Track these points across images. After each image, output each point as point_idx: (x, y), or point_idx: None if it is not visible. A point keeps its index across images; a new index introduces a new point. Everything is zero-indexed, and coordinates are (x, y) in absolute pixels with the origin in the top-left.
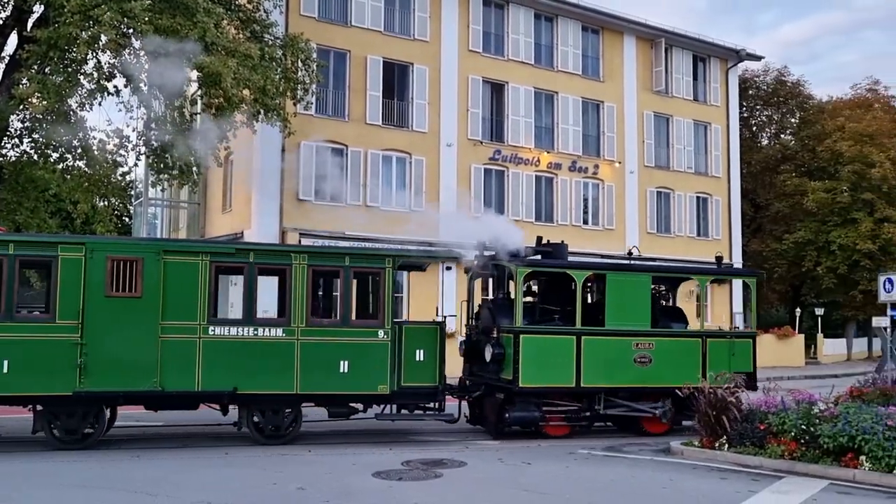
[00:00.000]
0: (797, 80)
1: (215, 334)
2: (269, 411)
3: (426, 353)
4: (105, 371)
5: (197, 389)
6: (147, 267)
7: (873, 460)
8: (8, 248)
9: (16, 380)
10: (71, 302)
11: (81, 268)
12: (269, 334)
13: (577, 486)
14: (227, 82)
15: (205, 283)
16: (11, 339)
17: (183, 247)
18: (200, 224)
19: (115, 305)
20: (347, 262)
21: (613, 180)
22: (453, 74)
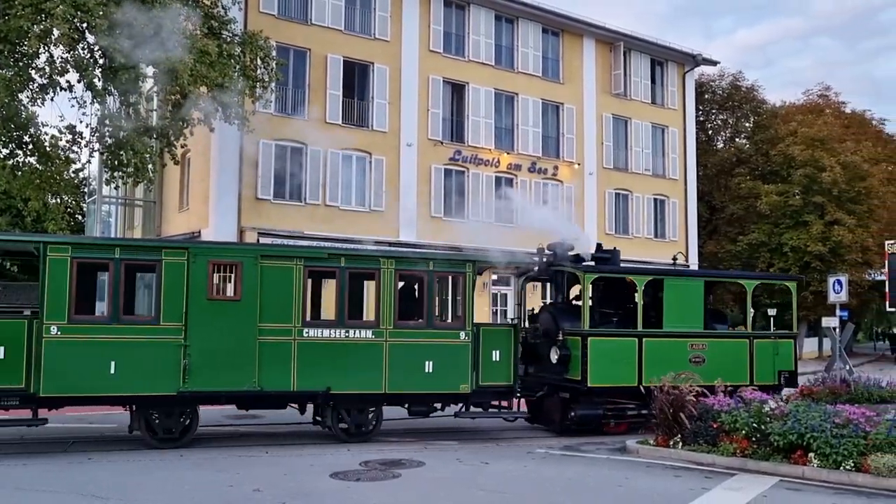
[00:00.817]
0: (751, 84)
1: (309, 336)
2: (354, 411)
3: (501, 353)
4: (207, 372)
5: (293, 389)
6: (246, 271)
7: (821, 457)
8: (114, 252)
9: (123, 381)
10: (175, 305)
11: (184, 272)
12: (360, 336)
13: (535, 486)
14: (184, 79)
15: (299, 286)
16: (118, 341)
17: (279, 252)
18: (156, 223)
19: (216, 308)
20: (431, 267)
21: (572, 182)
22: (414, 74)
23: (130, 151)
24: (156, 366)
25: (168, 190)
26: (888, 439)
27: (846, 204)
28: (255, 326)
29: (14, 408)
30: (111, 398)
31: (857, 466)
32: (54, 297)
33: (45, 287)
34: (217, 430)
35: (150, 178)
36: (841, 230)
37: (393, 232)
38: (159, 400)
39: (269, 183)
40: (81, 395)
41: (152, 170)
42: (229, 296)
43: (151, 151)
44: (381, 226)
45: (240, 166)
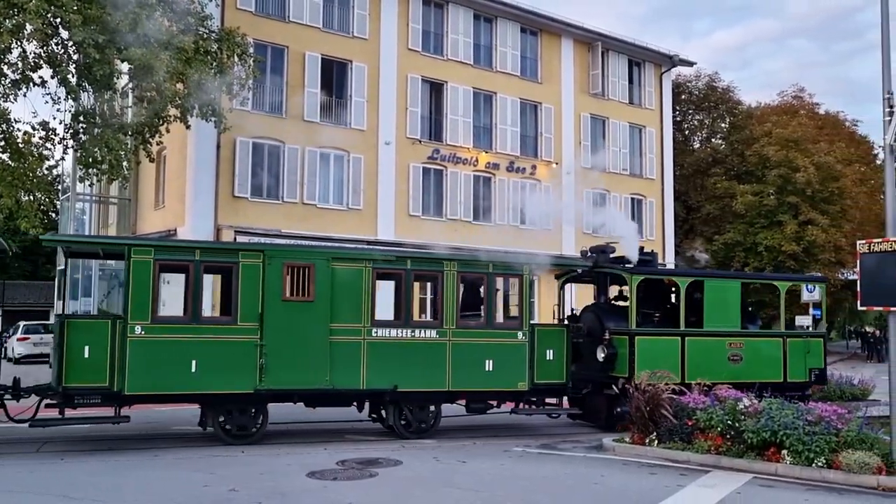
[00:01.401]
0: (727, 86)
1: (377, 336)
2: (416, 408)
3: (555, 352)
4: (283, 370)
5: (362, 387)
6: (318, 273)
7: (794, 454)
8: (194, 254)
9: (203, 379)
10: (251, 305)
11: (260, 274)
12: (424, 336)
13: (511, 484)
14: (160, 76)
15: (368, 288)
16: (198, 340)
17: (349, 254)
18: (131, 220)
19: (290, 309)
20: (491, 269)
21: (550, 181)
22: (392, 73)
23: (105, 148)
24: (234, 364)
25: (143, 187)
26: (859, 436)
27: (819, 204)
28: (327, 326)
29: (95, 405)
30: (191, 396)
31: (828, 463)
32: (138, 297)
33: (129, 288)
34: (193, 431)
35: (125, 175)
36: (814, 230)
37: (371, 230)
38: (237, 397)
39: (246, 181)
40: (164, 392)
41: (127, 167)
42: (303, 297)
43: (126, 149)
44: (358, 224)
45: (216, 164)
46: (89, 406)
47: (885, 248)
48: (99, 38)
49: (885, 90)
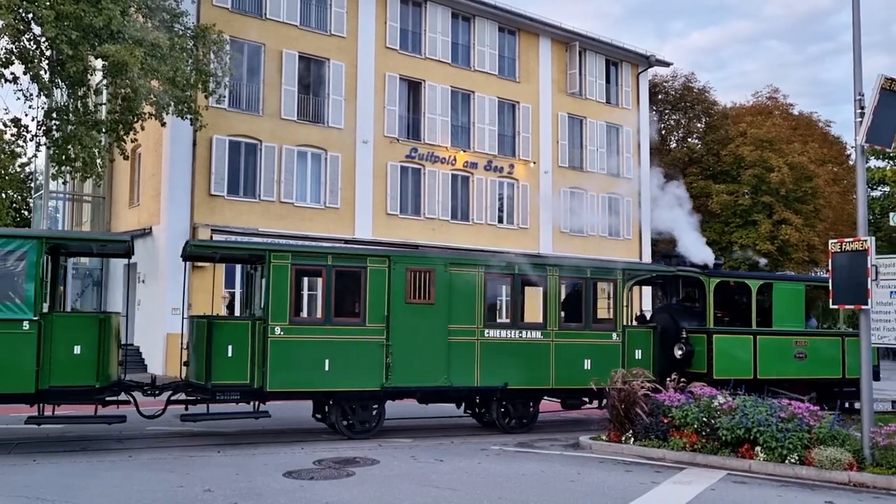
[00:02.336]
0: (703, 86)
1: (490, 336)
2: (520, 404)
3: (643, 352)
4: (407, 369)
5: (476, 385)
6: (438, 277)
7: (767, 451)
8: (327, 259)
9: (335, 376)
10: (378, 308)
11: (386, 278)
12: (531, 336)
13: (488, 482)
14: (134, 72)
15: (481, 291)
16: (331, 340)
17: (465, 260)
18: (105, 219)
19: (413, 311)
20: (589, 274)
21: (528, 180)
22: (370, 71)
23: (78, 146)
24: (363, 363)
25: (118, 185)
26: (831, 433)
27: (793, 204)
28: (446, 328)
29: (233, 401)
30: (325, 393)
31: (801, 460)
32: (278, 300)
33: (269, 291)
34: (168, 430)
35: (99, 173)
36: (788, 229)
37: (349, 229)
38: (365, 394)
39: (222, 179)
40: (301, 389)
41: (101, 165)
42: (424, 300)
43: (100, 146)
44: (336, 223)
45: (192, 162)
46: (224, 402)
47: (856, 248)
48: (72, 34)
49: (857, 91)
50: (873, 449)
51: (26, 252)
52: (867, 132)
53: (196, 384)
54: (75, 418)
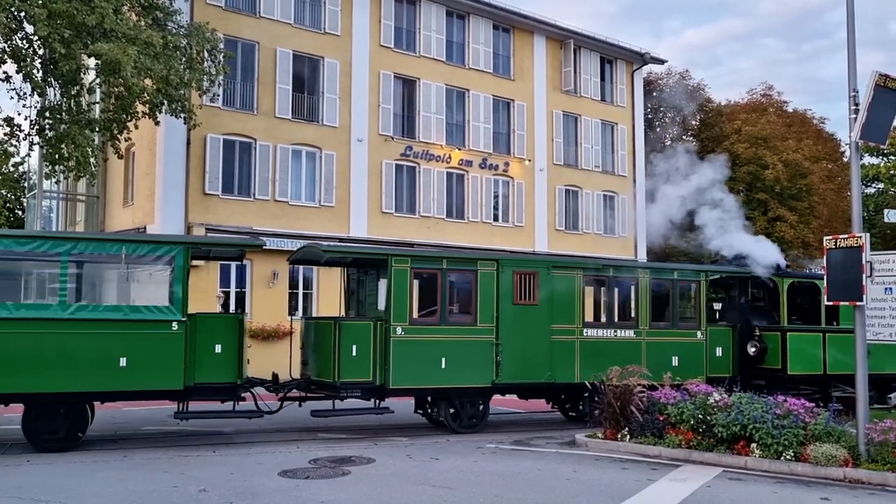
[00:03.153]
0: (697, 83)
1: (588, 335)
2: None
3: (723, 349)
4: (514, 366)
5: (576, 380)
6: (542, 280)
7: (763, 447)
8: (442, 263)
9: (450, 373)
10: (488, 309)
11: (494, 280)
12: (624, 335)
13: (484, 480)
14: (128, 71)
15: (580, 293)
16: (446, 340)
17: (565, 262)
18: (99, 218)
19: (519, 311)
20: (675, 276)
21: (523, 178)
22: (364, 69)
23: (72, 145)
24: (475, 361)
25: (112, 184)
26: (826, 429)
27: (788, 201)
28: (549, 327)
29: (354, 398)
30: (442, 389)
31: (796, 456)
32: (399, 302)
33: (391, 293)
34: (163, 430)
35: (93, 172)
36: (783, 226)
37: (344, 228)
38: (476, 390)
39: (217, 178)
40: (420, 386)
41: (95, 164)
42: (530, 301)
43: (93, 145)
44: (331, 221)
45: (186, 161)
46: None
47: (850, 244)
48: (65, 32)
49: (851, 88)
50: (868, 445)
51: (174, 257)
52: (862, 129)
53: (320, 381)
54: (215, 413)
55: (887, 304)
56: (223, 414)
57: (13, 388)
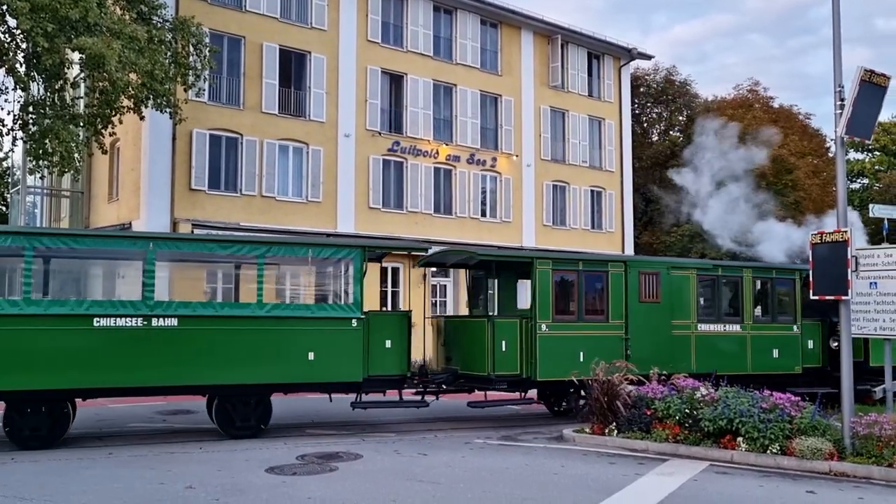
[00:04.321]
0: (685, 79)
1: (701, 330)
2: None
3: (815, 342)
4: (642, 359)
5: (693, 371)
6: (663, 279)
7: (749, 441)
8: (578, 265)
9: (587, 366)
10: (618, 306)
11: (623, 280)
12: (731, 329)
13: (472, 476)
14: (112, 65)
15: (694, 291)
16: (583, 335)
17: (681, 263)
18: (84, 214)
19: (644, 309)
20: (774, 275)
21: (511, 173)
22: (351, 64)
23: (56, 140)
24: (607, 354)
25: (96, 180)
26: (812, 423)
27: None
28: (669, 323)
29: (502, 390)
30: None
31: (782, 450)
32: (542, 300)
33: (535, 293)
34: (148, 427)
35: (77, 167)
36: None
37: (331, 223)
38: None
39: (203, 173)
40: (562, 378)
41: (79, 159)
42: (653, 299)
43: (78, 140)
44: (318, 217)
45: (172, 156)
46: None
47: (836, 239)
48: (48, 26)
49: (837, 83)
50: (854, 438)
51: (352, 259)
52: (847, 124)
53: (470, 374)
54: (385, 403)
55: (872, 299)
56: (393, 404)
57: (209, 380)
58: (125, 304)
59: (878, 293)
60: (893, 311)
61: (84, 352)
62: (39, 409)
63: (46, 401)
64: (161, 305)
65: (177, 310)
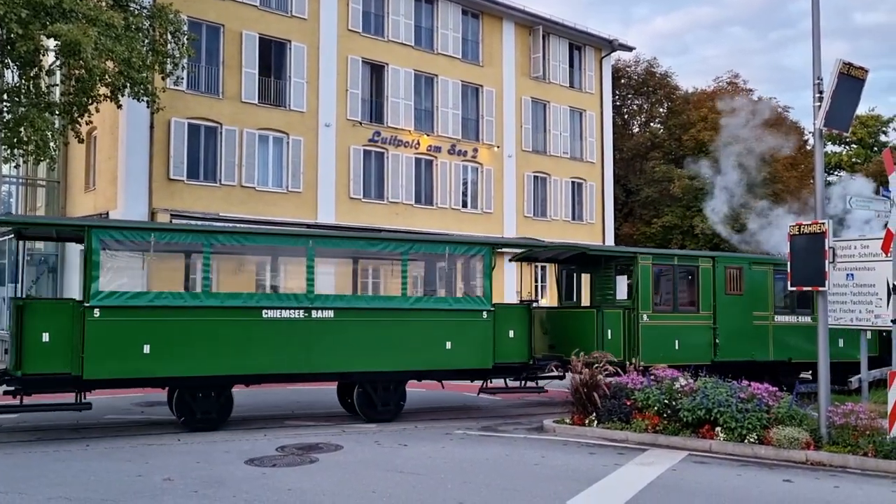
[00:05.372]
0: (665, 71)
1: (777, 321)
2: (788, 375)
3: (872, 332)
4: (727, 347)
5: (770, 359)
6: (745, 274)
7: (727, 431)
8: (673, 260)
9: (682, 353)
10: (707, 298)
11: (711, 274)
12: (803, 321)
13: (452, 466)
14: (88, 53)
15: (771, 284)
16: (678, 325)
17: (761, 259)
18: (60, 203)
19: (730, 301)
20: None
21: (492, 164)
22: (332, 54)
23: (31, 128)
24: (698, 342)
25: (73, 169)
26: (789, 413)
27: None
28: (751, 314)
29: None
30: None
31: (760, 439)
32: (643, 293)
33: (637, 285)
34: (126, 419)
35: (53, 156)
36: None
37: (311, 213)
38: (700, 367)
39: (181, 163)
40: (662, 364)
41: (55, 148)
42: (737, 291)
43: (53, 129)
44: (298, 207)
45: (150, 145)
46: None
47: (813, 230)
48: (22, 12)
49: (815, 76)
50: (830, 428)
51: (482, 256)
52: (825, 116)
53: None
54: (509, 390)
55: (848, 290)
56: (516, 390)
57: (359, 368)
58: (289, 297)
59: (854, 284)
60: (869, 303)
61: (253, 341)
62: (209, 393)
63: (217, 386)
64: (320, 299)
65: (333, 303)
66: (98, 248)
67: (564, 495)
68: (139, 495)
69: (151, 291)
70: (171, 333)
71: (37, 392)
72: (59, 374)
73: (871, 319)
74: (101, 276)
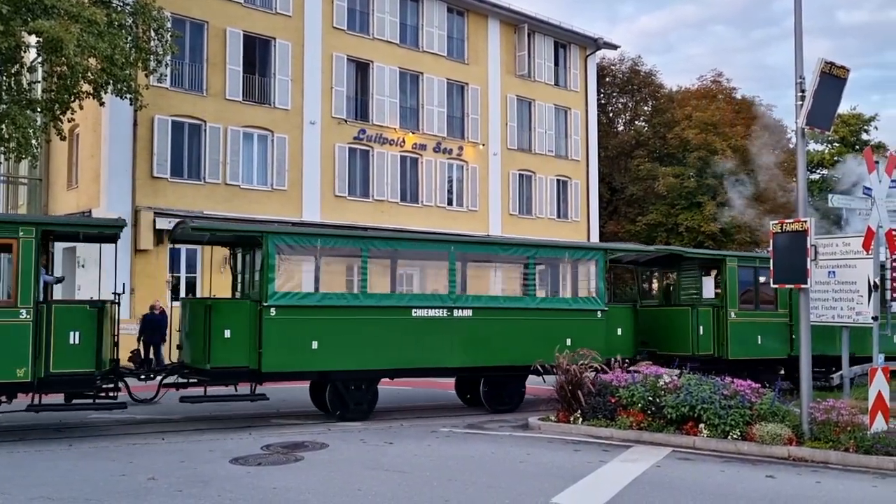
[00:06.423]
0: (650, 70)
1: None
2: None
3: None
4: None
5: (837, 353)
6: None
7: (710, 427)
8: (755, 261)
9: (762, 348)
10: (783, 296)
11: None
12: None
13: (438, 464)
14: (70, 50)
15: None
16: (759, 322)
17: None
18: (42, 201)
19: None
20: None
21: (477, 162)
22: (317, 51)
23: (12, 126)
24: (777, 338)
25: (55, 167)
26: (772, 409)
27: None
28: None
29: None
30: (761, 360)
31: (743, 436)
32: (731, 292)
33: (726, 285)
34: (110, 419)
35: (35, 154)
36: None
37: (296, 211)
38: (777, 361)
39: (165, 161)
40: (749, 358)
41: (36, 146)
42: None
43: (35, 126)
44: (283, 205)
45: (133, 143)
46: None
47: (796, 228)
48: (3, 8)
49: (798, 75)
50: (812, 424)
51: (597, 260)
52: (807, 115)
53: (669, 354)
54: None
55: (830, 287)
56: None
57: (494, 362)
58: (435, 297)
59: (836, 282)
60: (850, 300)
61: (402, 338)
62: (360, 386)
63: (367, 380)
64: (461, 299)
65: (472, 303)
66: (273, 252)
67: (549, 492)
68: (123, 495)
69: (319, 292)
70: (335, 330)
71: (220, 383)
72: (240, 367)
73: (853, 316)
74: (277, 278)
